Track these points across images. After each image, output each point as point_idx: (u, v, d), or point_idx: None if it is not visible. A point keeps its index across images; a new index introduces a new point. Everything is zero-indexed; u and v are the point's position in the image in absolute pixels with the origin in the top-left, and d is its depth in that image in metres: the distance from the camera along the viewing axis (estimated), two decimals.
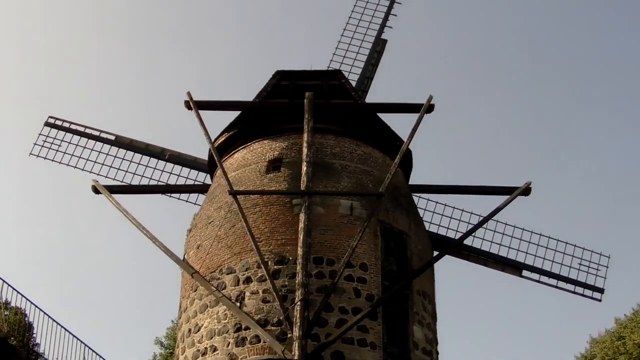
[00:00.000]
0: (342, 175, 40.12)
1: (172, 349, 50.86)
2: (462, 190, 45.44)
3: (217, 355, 36.54)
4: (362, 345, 36.09)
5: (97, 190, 44.27)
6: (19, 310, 23.20)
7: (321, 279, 36.86)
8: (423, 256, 40.82)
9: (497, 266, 43.82)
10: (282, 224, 38.37)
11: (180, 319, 40.73)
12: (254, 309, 36.65)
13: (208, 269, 39.11)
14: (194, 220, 43.62)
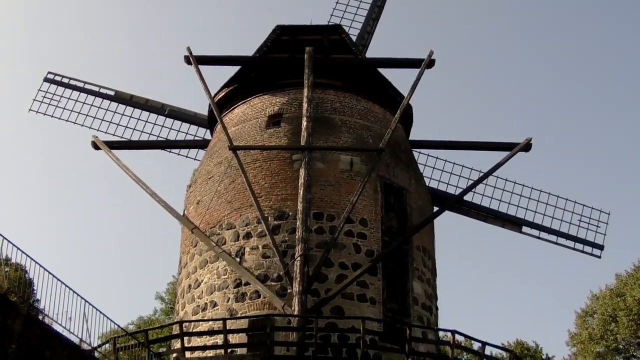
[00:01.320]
0: (342, 131, 40.01)
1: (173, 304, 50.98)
2: (463, 146, 45.38)
3: (217, 310, 36.60)
4: (362, 301, 36.16)
5: (97, 146, 44.22)
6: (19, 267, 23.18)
7: (321, 235, 36.86)
8: (423, 212, 40.80)
9: (497, 222, 43.78)
10: (282, 179, 38.32)
11: (180, 274, 40.78)
12: (254, 265, 36.69)
13: (208, 224, 39.10)
14: (194, 176, 43.58)
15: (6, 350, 16.93)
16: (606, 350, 53.81)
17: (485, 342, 34.07)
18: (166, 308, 61.14)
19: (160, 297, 62.91)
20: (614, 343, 52.82)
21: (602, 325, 53.40)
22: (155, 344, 36.93)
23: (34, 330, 17.87)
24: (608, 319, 53.48)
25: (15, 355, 17.15)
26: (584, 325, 55.97)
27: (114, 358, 26.14)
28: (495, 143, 44.04)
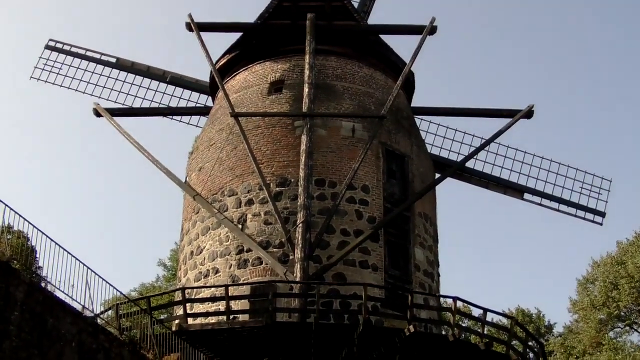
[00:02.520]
0: (344, 97, 39.94)
1: (175, 271, 51.11)
2: (465, 113, 45.32)
3: (219, 277, 36.71)
4: (364, 267, 36.24)
5: (99, 113, 44.17)
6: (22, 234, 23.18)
7: (323, 201, 36.89)
8: (425, 178, 40.80)
9: (499, 189, 43.78)
10: (284, 146, 38.30)
11: (183, 241, 40.87)
12: (256, 231, 36.76)
13: (210, 191, 39.14)
14: (196, 143, 43.57)
15: (9, 318, 16.99)
16: (608, 317, 53.93)
17: (487, 309, 34.17)
18: (168, 275, 61.28)
19: (163, 264, 63.06)
20: (615, 310, 52.94)
21: (604, 292, 53.50)
22: (157, 310, 37.07)
23: (37, 298, 17.92)
24: (609, 286, 53.57)
25: (17, 323, 17.21)
26: (586, 292, 56.08)
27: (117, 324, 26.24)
28: (497, 110, 43.99)
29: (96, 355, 19.89)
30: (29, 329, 17.39)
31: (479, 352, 32.81)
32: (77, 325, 19.18)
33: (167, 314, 42.83)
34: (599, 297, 53.51)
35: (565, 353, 54.48)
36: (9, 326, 16.86)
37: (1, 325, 16.66)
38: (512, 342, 35.35)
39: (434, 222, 41.42)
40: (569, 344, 55.17)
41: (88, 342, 19.57)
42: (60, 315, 18.60)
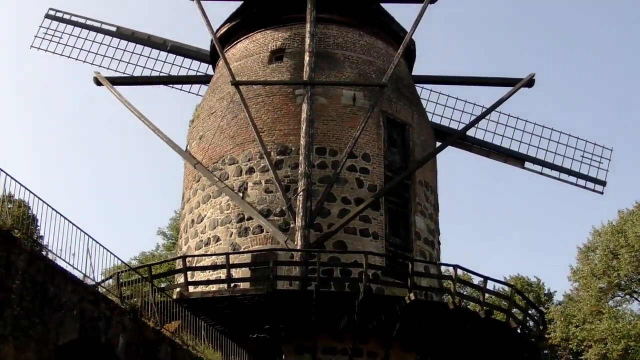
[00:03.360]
0: (345, 66, 39.86)
1: (175, 239, 51.20)
2: (466, 81, 45.25)
3: (220, 245, 36.80)
4: (365, 236, 36.33)
5: (99, 82, 44.07)
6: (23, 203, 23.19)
7: (324, 169, 36.93)
8: (425, 147, 40.80)
9: (500, 157, 43.78)
10: (285, 114, 38.28)
11: (184, 209, 40.94)
12: (257, 199, 36.82)
13: (211, 159, 39.15)
14: (196, 111, 43.54)
15: (10, 286, 17.03)
16: (608, 285, 54.07)
17: (487, 277, 34.29)
18: (168, 243, 61.43)
19: (163, 233, 63.21)
20: (616, 279, 53.05)
21: (604, 261, 53.59)
22: (158, 278, 37.20)
23: (38, 266, 17.95)
24: (610, 255, 53.66)
25: (19, 291, 17.25)
26: (586, 260, 56.17)
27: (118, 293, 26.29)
28: (498, 78, 43.91)
29: (97, 323, 19.96)
30: (30, 298, 17.44)
31: (479, 320, 32.95)
32: (78, 294, 19.22)
33: (168, 282, 43.02)
34: (599, 265, 53.63)
35: (565, 321, 54.64)
36: (10, 295, 16.90)
37: (2, 293, 16.70)
38: (512, 310, 35.52)
39: (435, 191, 41.47)
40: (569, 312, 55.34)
41: (89, 311, 19.63)
42: (62, 284, 18.65)
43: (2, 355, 16.67)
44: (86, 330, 19.63)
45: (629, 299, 55.04)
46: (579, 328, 52.90)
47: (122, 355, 21.02)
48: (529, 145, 43.00)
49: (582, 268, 56.00)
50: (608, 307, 53.52)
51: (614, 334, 49.61)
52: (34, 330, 17.66)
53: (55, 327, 18.43)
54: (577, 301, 56.13)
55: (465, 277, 43.53)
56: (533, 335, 37.03)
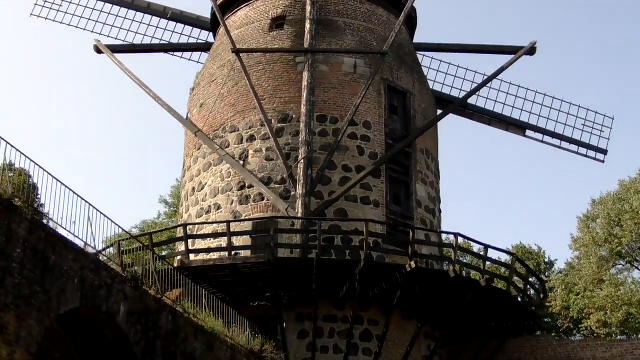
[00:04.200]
0: (346, 33, 39.72)
1: (177, 207, 51.21)
2: (467, 49, 45.06)
3: (220, 212, 36.84)
4: (365, 203, 36.36)
5: (99, 49, 43.90)
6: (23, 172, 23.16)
7: (324, 137, 36.91)
8: (426, 114, 40.75)
9: (501, 125, 43.68)
10: (286, 82, 38.20)
11: (184, 177, 40.95)
12: (257, 167, 36.82)
13: (211, 127, 39.10)
14: (197, 79, 43.42)
15: (11, 255, 17.04)
16: (609, 253, 54.05)
17: (488, 245, 34.36)
18: (170, 211, 61.43)
19: (164, 201, 63.15)
20: (617, 247, 53.02)
21: (606, 229, 53.55)
22: (159, 246, 37.25)
23: (39, 235, 17.94)
24: (612, 222, 53.60)
25: (20, 259, 17.26)
26: (587, 229, 56.13)
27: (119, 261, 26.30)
28: (499, 46, 43.77)
29: (98, 291, 20.00)
30: (31, 266, 17.46)
31: (479, 288, 33.03)
32: (79, 262, 19.24)
33: (169, 250, 43.08)
34: (601, 233, 53.61)
35: (566, 289, 54.71)
36: (11, 263, 16.92)
37: (3, 262, 16.72)
38: (513, 278, 35.61)
39: (436, 158, 41.46)
40: (570, 280, 55.40)
41: (90, 279, 19.65)
42: (62, 252, 18.65)
43: (4, 324, 16.73)
44: (87, 299, 19.68)
45: (629, 268, 55.05)
46: (579, 296, 52.94)
47: (123, 323, 21.09)
48: (530, 113, 42.89)
49: (583, 236, 55.94)
50: (609, 275, 53.55)
51: (615, 302, 49.68)
52: (35, 298, 17.70)
53: (56, 296, 18.47)
54: (578, 269, 56.15)
55: (465, 245, 43.59)
56: (533, 304, 37.12)
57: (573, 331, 56.78)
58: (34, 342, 17.74)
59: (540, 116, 42.80)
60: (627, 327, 50.91)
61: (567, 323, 56.71)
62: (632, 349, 35.72)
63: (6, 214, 17.09)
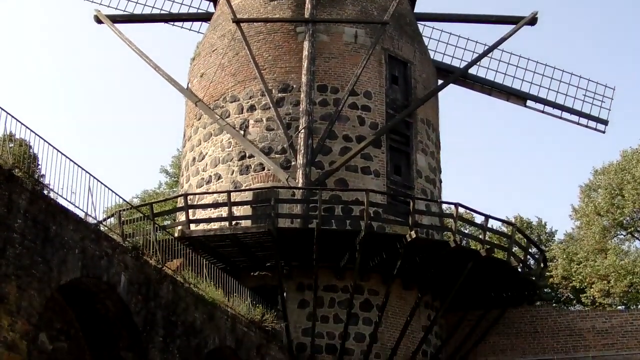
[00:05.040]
0: (347, 3, 39.57)
1: (178, 177, 51.24)
2: (469, 19, 44.86)
3: (221, 183, 36.88)
4: (366, 173, 36.38)
5: (99, 20, 43.74)
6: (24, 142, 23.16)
7: (325, 107, 36.89)
8: (427, 85, 40.69)
9: (502, 96, 43.58)
10: (286, 52, 38.13)
11: (185, 147, 40.95)
12: (258, 137, 36.82)
13: (212, 97, 39.06)
14: (197, 49, 43.28)
15: (12, 225, 17.06)
16: (611, 223, 54.08)
17: (488, 215, 34.42)
18: (171, 181, 61.47)
19: (165, 171, 63.23)
20: (620, 216, 53.03)
21: (608, 199, 53.53)
22: (160, 217, 37.25)
23: (39, 205, 17.95)
24: (614, 192, 53.57)
25: (21, 230, 17.28)
26: (588, 199, 56.13)
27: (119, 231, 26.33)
28: (500, 16, 43.58)
29: (99, 261, 20.04)
30: (32, 237, 17.48)
31: (480, 259, 33.10)
32: (80, 232, 19.26)
33: (169, 220, 43.11)
34: (603, 203, 53.61)
35: (567, 259, 54.77)
36: (12, 234, 16.94)
37: (4, 232, 16.74)
38: (513, 248, 35.69)
39: (436, 129, 41.44)
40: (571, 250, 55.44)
41: (91, 249, 19.68)
42: (63, 223, 18.67)
43: (5, 294, 16.79)
44: (88, 269, 19.72)
45: (630, 238, 55.09)
46: (582, 265, 52.97)
47: (123, 294, 21.15)
48: (531, 83, 42.77)
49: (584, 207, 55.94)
50: (613, 244, 53.64)
51: (618, 271, 49.75)
52: (36, 269, 17.74)
53: (57, 266, 18.51)
54: (579, 239, 56.21)
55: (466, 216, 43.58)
56: (533, 274, 37.22)
57: (573, 301, 56.95)
58: (35, 313, 17.81)
59: (541, 87, 42.73)
60: (628, 298, 51.05)
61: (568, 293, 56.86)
62: (632, 319, 35.85)
63: (7, 184, 17.09)
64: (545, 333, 36.47)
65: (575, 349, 35.88)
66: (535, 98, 42.83)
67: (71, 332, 21.40)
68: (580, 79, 42.91)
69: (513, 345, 36.69)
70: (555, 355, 35.98)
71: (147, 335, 22.07)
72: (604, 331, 35.85)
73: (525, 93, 42.85)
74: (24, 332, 17.45)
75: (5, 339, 16.84)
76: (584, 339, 35.95)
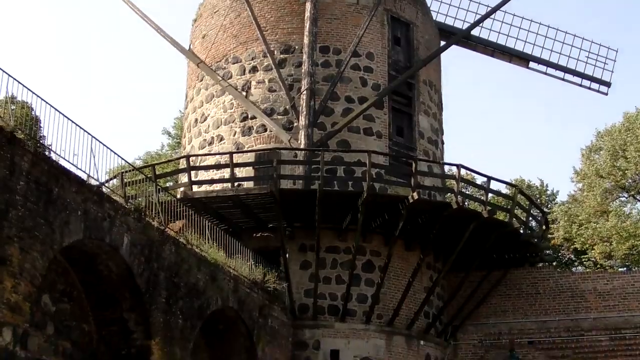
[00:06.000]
0: None
1: (180, 139, 51.20)
2: None
3: (223, 144, 36.86)
4: (368, 135, 36.37)
5: None
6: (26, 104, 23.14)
7: (327, 68, 36.79)
8: (430, 46, 40.53)
9: (505, 57, 43.36)
10: (288, 12, 37.95)
11: (187, 109, 40.88)
12: (260, 98, 36.75)
13: (214, 58, 38.95)
14: (199, 10, 43.09)
15: (14, 188, 17.06)
16: (613, 185, 54.02)
17: (491, 177, 34.42)
18: (173, 143, 61.39)
19: (167, 132, 63.13)
20: (622, 179, 52.97)
21: (610, 161, 53.44)
22: (162, 178, 37.30)
23: (42, 167, 17.93)
24: (616, 154, 53.47)
25: (23, 192, 17.27)
26: (590, 161, 56.04)
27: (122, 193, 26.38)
28: None
29: (102, 223, 20.06)
30: (34, 199, 17.48)
31: (481, 220, 33.14)
32: (82, 194, 19.27)
33: (172, 181, 43.14)
34: (605, 165, 53.52)
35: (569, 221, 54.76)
36: (15, 196, 16.94)
37: (7, 195, 16.74)
38: (515, 210, 35.71)
39: (439, 90, 41.34)
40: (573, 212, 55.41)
41: (93, 211, 19.71)
42: (66, 185, 18.67)
43: (8, 256, 16.84)
44: (90, 231, 19.77)
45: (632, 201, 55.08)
46: (583, 227, 52.97)
47: (126, 255, 21.21)
48: (534, 45, 42.52)
49: (586, 169, 55.85)
50: (615, 206, 53.63)
51: (620, 233, 49.77)
52: (38, 231, 17.78)
53: (60, 228, 18.55)
54: (581, 201, 56.17)
55: (468, 177, 43.61)
56: (535, 235, 37.31)
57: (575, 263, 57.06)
58: (38, 275, 17.88)
59: (544, 48, 42.49)
60: (630, 260, 51.15)
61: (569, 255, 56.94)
62: (634, 281, 35.96)
63: (9, 147, 17.09)
64: (546, 295, 36.60)
65: (577, 311, 36.03)
66: (538, 60, 42.65)
67: (74, 293, 21.51)
68: (583, 40, 42.74)
69: (514, 306, 36.85)
70: (556, 316, 36.14)
71: (150, 296, 22.18)
72: (605, 293, 35.98)
73: (528, 55, 42.66)
74: (27, 294, 17.53)
75: (9, 301, 16.93)
76: (585, 301, 36.09)
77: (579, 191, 58.04)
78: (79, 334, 21.61)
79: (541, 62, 42.59)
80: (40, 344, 19.83)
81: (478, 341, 36.69)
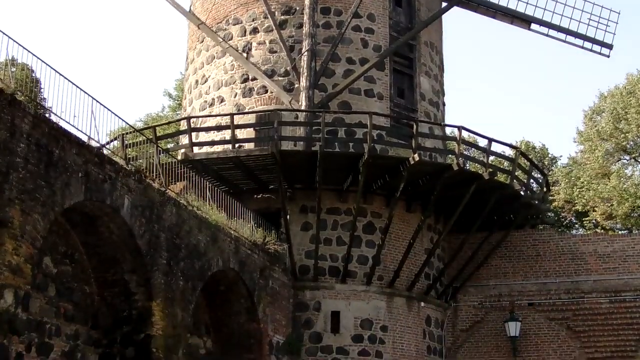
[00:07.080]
0: None
1: (181, 100, 51.12)
2: None
3: (224, 106, 36.79)
4: (369, 96, 36.29)
5: None
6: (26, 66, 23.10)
7: (328, 29, 36.62)
8: (431, 7, 40.30)
9: (506, 19, 43.07)
10: None
11: (187, 70, 40.76)
12: (261, 60, 36.63)
13: (215, 19, 38.76)
14: None
15: (15, 150, 17.05)
16: (615, 148, 53.98)
17: (492, 139, 34.35)
18: (174, 104, 61.29)
19: (168, 94, 63.01)
20: (623, 141, 52.93)
21: (612, 123, 53.35)
22: (163, 140, 37.25)
23: (42, 129, 17.91)
24: (618, 116, 53.37)
25: (24, 154, 17.27)
26: (592, 123, 55.97)
27: (123, 154, 26.36)
28: None
29: (103, 185, 20.07)
30: (35, 161, 17.48)
31: (482, 182, 33.13)
32: (83, 156, 19.26)
33: (173, 143, 43.11)
34: (606, 128, 53.45)
35: (570, 183, 54.79)
36: (15, 158, 16.94)
37: (7, 157, 16.73)
38: (516, 172, 35.69)
39: (440, 52, 41.16)
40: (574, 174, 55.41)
41: (94, 173, 19.71)
42: (66, 147, 18.65)
43: (9, 218, 16.87)
44: (91, 192, 19.79)
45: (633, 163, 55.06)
46: (584, 188, 52.97)
47: (127, 217, 21.25)
48: (536, 7, 42.17)
49: (587, 130, 55.78)
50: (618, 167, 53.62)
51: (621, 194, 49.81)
52: (39, 193, 17.81)
53: (61, 190, 18.57)
54: (582, 164, 56.14)
55: (470, 139, 43.54)
56: (536, 197, 37.31)
57: (576, 225, 57.17)
58: (39, 237, 17.92)
59: (545, 10, 42.14)
60: (631, 222, 51.23)
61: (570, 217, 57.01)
62: (634, 244, 36.00)
63: (9, 109, 17.06)
64: (547, 257, 36.65)
65: (577, 273, 36.10)
66: (540, 21, 42.35)
67: (75, 255, 21.58)
68: (585, 2, 42.38)
69: (515, 268, 36.91)
70: (557, 278, 36.22)
71: (151, 258, 22.25)
72: (606, 255, 36.02)
73: (530, 16, 42.35)
74: (28, 256, 17.58)
75: (10, 263, 16.98)
76: (585, 263, 36.15)
77: (580, 153, 58.00)
78: (80, 295, 21.71)
79: (543, 23, 42.29)
80: (42, 306, 19.94)
81: (478, 303, 36.78)
